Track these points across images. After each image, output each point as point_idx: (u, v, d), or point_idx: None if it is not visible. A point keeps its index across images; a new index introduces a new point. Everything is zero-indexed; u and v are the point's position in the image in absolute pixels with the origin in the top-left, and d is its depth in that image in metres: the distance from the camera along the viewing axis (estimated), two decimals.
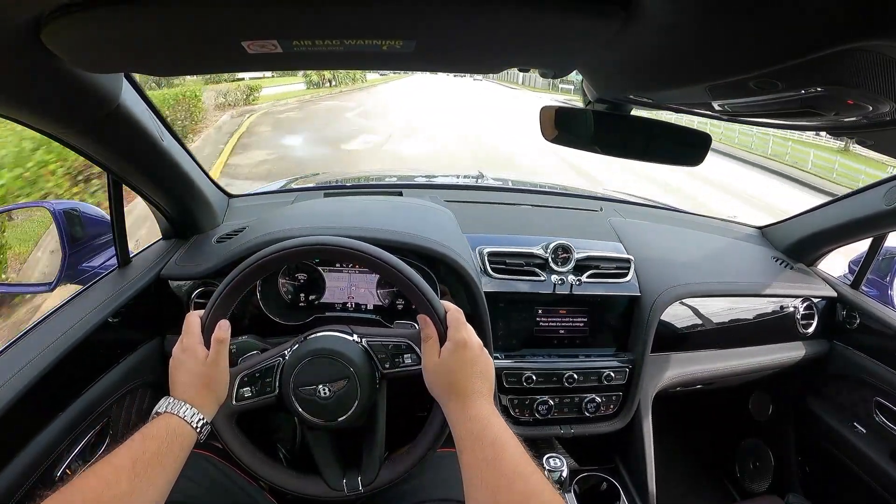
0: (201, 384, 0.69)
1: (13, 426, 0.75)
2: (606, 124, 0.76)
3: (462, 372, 0.68)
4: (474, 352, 0.70)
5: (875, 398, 1.28)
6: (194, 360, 0.70)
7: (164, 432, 0.62)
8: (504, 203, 1.53)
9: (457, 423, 0.65)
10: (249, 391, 0.77)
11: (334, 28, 0.46)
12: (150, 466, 0.57)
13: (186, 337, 0.72)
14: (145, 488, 0.55)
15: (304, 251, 0.76)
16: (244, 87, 17.15)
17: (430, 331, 0.71)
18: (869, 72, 0.36)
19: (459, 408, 0.65)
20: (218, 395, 0.72)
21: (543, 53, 0.55)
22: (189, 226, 1.19)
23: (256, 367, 0.78)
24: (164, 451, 0.60)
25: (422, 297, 0.73)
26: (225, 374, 0.73)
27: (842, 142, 10.22)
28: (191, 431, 0.65)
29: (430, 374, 0.71)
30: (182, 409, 0.66)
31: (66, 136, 0.75)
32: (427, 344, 0.71)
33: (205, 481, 0.84)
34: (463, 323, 0.72)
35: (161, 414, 0.65)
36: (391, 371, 0.78)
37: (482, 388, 0.68)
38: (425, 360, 0.71)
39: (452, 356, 0.69)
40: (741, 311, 1.35)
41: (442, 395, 0.69)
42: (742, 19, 0.37)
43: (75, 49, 0.53)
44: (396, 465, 0.79)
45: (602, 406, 1.20)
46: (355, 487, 0.78)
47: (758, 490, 1.60)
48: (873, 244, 1.36)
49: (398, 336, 0.79)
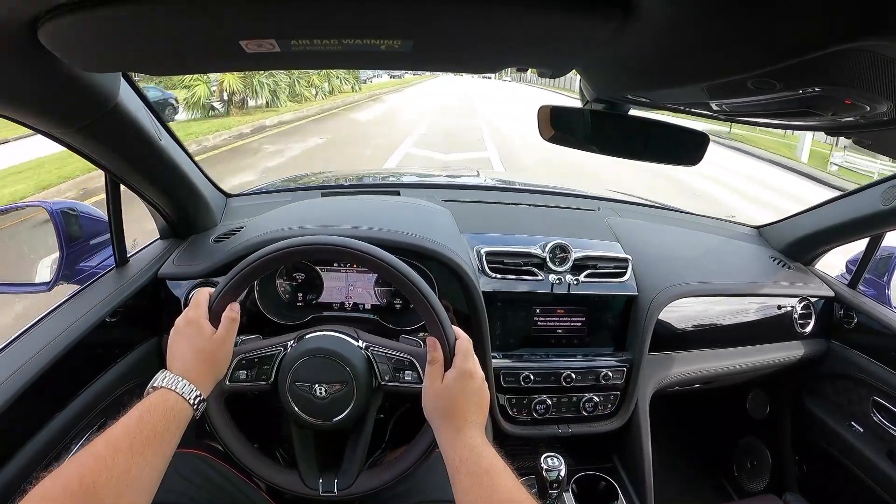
0: (202, 360, 0.67)
1: (11, 426, 0.75)
2: (604, 124, 0.76)
3: (462, 401, 0.68)
4: (476, 383, 0.70)
5: (872, 397, 1.29)
6: (199, 335, 0.68)
7: (161, 410, 0.60)
8: (502, 203, 1.53)
9: (450, 448, 0.65)
10: (245, 374, 0.77)
11: (332, 28, 0.46)
12: (147, 445, 0.55)
13: (193, 310, 0.70)
14: (143, 467, 0.54)
15: (332, 250, 0.74)
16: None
17: (438, 355, 0.71)
18: (867, 72, 0.36)
19: (453, 435, 0.66)
20: (217, 373, 0.71)
21: (541, 53, 0.55)
22: (187, 225, 1.19)
23: (256, 352, 0.78)
24: (161, 429, 0.58)
25: (437, 321, 0.72)
26: (229, 355, 0.72)
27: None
28: (188, 408, 0.63)
29: (429, 397, 0.70)
30: (180, 384, 0.63)
31: (63, 136, 0.75)
32: (432, 367, 0.71)
33: (201, 482, 0.84)
34: (471, 353, 0.72)
35: (157, 389, 0.63)
36: (389, 384, 0.78)
37: (477, 419, 0.68)
38: (427, 382, 0.71)
39: (455, 384, 0.69)
40: (739, 310, 1.35)
41: (437, 419, 0.69)
42: (740, 19, 0.37)
43: (72, 48, 0.52)
44: (375, 476, 0.79)
45: (600, 405, 1.20)
46: (330, 490, 0.78)
47: (755, 489, 1.60)
48: (870, 244, 1.36)
49: (403, 351, 0.79)
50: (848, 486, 1.33)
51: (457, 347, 0.72)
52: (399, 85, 31.72)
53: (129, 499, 0.52)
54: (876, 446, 1.26)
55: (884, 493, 1.22)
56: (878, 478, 1.23)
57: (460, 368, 0.70)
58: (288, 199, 1.43)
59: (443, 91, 29.25)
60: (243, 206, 1.37)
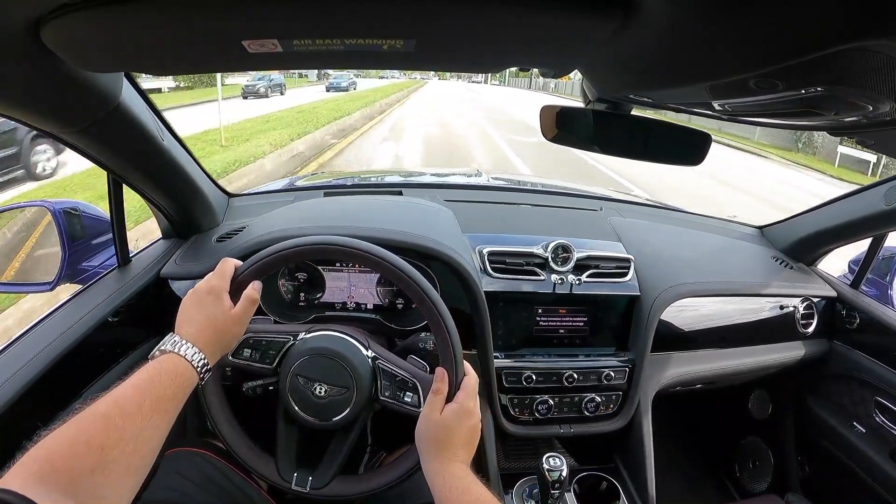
0: (213, 331, 0.66)
1: (14, 425, 0.75)
2: (607, 124, 0.76)
3: (455, 436, 0.69)
4: (473, 422, 0.71)
5: (875, 398, 1.28)
6: (217, 306, 0.68)
7: (170, 374, 0.59)
8: (504, 202, 1.53)
9: (438, 477, 0.65)
10: (250, 353, 0.78)
11: (335, 28, 0.46)
12: (156, 409, 0.55)
13: (216, 278, 0.70)
14: (151, 432, 0.54)
15: (365, 259, 0.74)
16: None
17: (443, 386, 0.71)
18: (869, 72, 0.36)
19: (441, 466, 0.66)
20: (224, 348, 0.70)
21: (543, 53, 0.55)
22: (189, 225, 1.19)
23: (266, 335, 0.78)
24: (169, 395, 0.57)
25: (452, 355, 0.73)
26: (239, 335, 0.72)
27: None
28: (195, 375, 0.62)
29: (425, 425, 0.71)
30: (190, 351, 0.63)
31: (66, 136, 0.75)
32: (435, 397, 0.71)
33: (202, 480, 0.84)
34: (475, 392, 0.73)
35: (166, 353, 0.62)
36: (388, 400, 0.79)
37: (465, 456, 0.69)
38: (426, 409, 0.71)
39: (454, 418, 0.69)
40: (741, 310, 1.35)
41: (427, 447, 0.69)
42: (742, 19, 0.36)
43: (75, 48, 0.53)
44: (350, 484, 0.79)
45: (602, 405, 1.20)
46: (302, 486, 0.78)
47: (757, 489, 1.60)
48: (873, 244, 1.36)
49: (408, 372, 0.80)
50: (850, 486, 1.32)
51: (464, 383, 0.73)
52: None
53: (134, 461, 0.52)
54: (878, 447, 1.26)
55: (886, 493, 1.21)
56: (880, 478, 1.23)
57: (462, 405, 0.71)
58: (290, 199, 1.43)
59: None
60: (245, 205, 1.38)
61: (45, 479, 0.44)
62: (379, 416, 0.84)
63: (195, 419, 1.20)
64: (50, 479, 0.45)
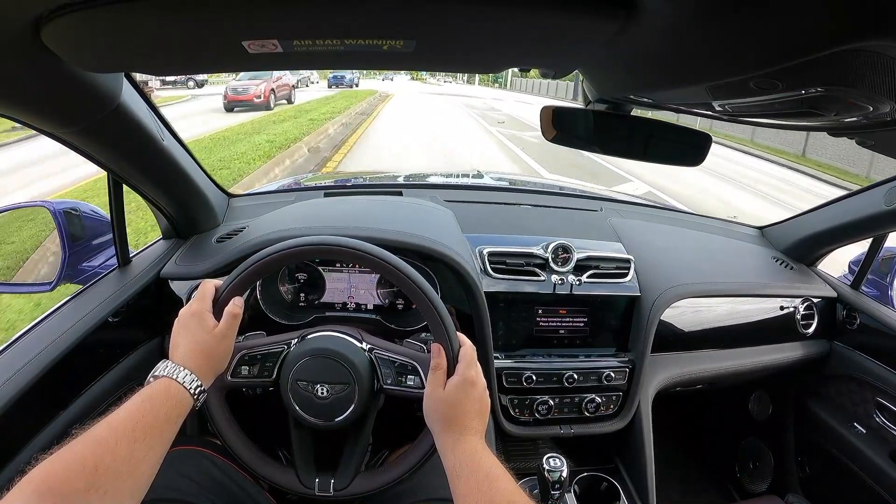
0: (203, 353, 0.67)
1: (13, 426, 0.75)
2: (607, 124, 0.76)
3: (463, 408, 0.69)
4: (478, 391, 0.71)
5: (875, 398, 1.28)
6: (202, 327, 0.69)
7: (163, 398, 0.60)
8: (504, 203, 1.53)
9: (450, 454, 0.65)
10: (247, 370, 0.77)
11: (335, 28, 0.46)
12: (149, 432, 0.56)
13: (198, 302, 0.71)
14: (144, 454, 0.55)
15: (341, 252, 0.74)
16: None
17: (441, 361, 0.71)
18: (869, 72, 0.36)
19: (453, 441, 0.66)
20: (217, 367, 0.71)
21: (544, 54, 0.55)
22: (189, 225, 1.19)
23: (259, 348, 0.78)
24: (162, 417, 0.58)
25: (443, 328, 0.73)
26: (229, 350, 0.73)
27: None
28: (189, 398, 0.63)
29: (430, 403, 0.71)
30: (182, 374, 0.64)
31: (66, 136, 0.75)
32: (435, 373, 0.71)
33: (203, 479, 0.84)
34: (474, 360, 0.73)
35: (159, 378, 0.63)
36: (391, 388, 0.79)
37: (478, 426, 0.69)
38: (429, 388, 0.71)
39: (457, 391, 0.69)
40: (741, 311, 1.35)
41: (437, 425, 0.69)
42: (742, 20, 0.36)
43: (75, 48, 0.53)
44: (371, 478, 0.79)
45: (602, 406, 1.20)
46: (326, 490, 0.78)
47: (758, 490, 1.60)
48: (873, 244, 1.36)
49: (406, 356, 0.80)
50: (850, 487, 1.32)
51: (461, 354, 0.72)
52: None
53: (129, 483, 0.53)
54: (879, 448, 1.26)
55: (886, 494, 1.21)
56: (880, 479, 1.23)
57: (463, 376, 0.70)
58: (290, 200, 1.43)
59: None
60: (245, 206, 1.38)
61: (43, 498, 0.47)
62: (379, 414, 0.83)
63: (195, 419, 1.20)
64: (47, 498, 0.47)
